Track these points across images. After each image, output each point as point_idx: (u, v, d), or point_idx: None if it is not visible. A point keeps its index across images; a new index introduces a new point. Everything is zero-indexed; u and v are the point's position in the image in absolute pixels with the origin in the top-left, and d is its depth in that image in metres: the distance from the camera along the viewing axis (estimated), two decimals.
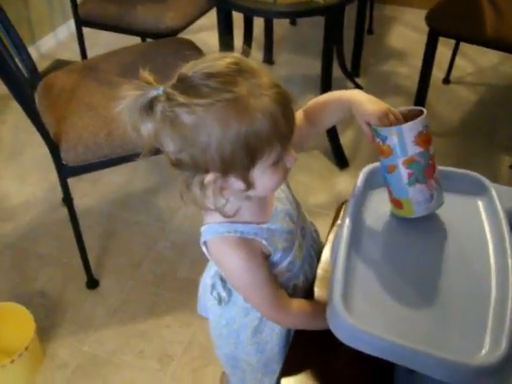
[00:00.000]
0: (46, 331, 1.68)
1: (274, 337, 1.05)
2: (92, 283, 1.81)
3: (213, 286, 1.05)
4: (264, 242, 0.91)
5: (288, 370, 0.96)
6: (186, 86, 0.76)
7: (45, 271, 1.87)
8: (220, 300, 1.05)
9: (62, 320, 1.72)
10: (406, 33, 3.05)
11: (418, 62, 2.18)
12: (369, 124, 0.91)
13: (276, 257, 0.95)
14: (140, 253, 1.93)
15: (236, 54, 0.80)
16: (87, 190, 2.18)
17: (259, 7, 1.90)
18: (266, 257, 0.93)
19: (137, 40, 2.34)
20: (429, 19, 2.02)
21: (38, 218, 2.05)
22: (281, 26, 3.12)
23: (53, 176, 1.89)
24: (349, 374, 0.94)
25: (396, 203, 0.95)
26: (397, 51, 2.92)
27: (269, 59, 2.82)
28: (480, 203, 1.00)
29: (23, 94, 1.45)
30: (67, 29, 3.09)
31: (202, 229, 0.92)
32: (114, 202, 2.13)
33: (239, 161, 0.78)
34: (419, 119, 0.88)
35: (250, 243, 0.90)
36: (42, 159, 2.08)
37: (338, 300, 0.80)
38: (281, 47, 2.95)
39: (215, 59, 0.77)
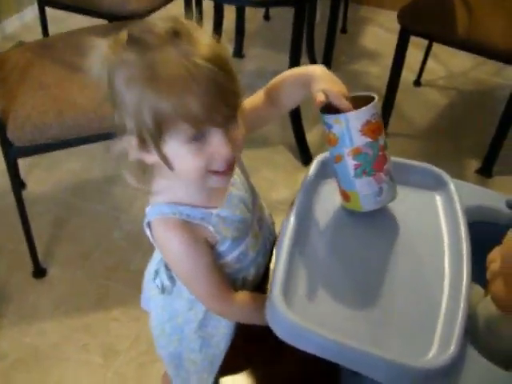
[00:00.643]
0: None
1: (220, 330, 0.98)
2: (38, 272, 1.72)
3: (156, 273, 0.99)
4: (211, 228, 0.85)
5: (227, 368, 0.90)
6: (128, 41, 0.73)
7: None
8: (163, 289, 0.98)
9: (4, 309, 1.63)
10: (380, 34, 3.02)
11: (389, 63, 2.14)
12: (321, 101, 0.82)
13: (224, 246, 0.89)
14: (92, 242, 1.85)
15: (183, 20, 0.75)
16: (42, 177, 2.09)
17: None
18: (211, 245, 0.88)
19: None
20: (400, 17, 1.98)
21: None
22: (254, 21, 3.07)
23: None
24: (293, 374, 0.89)
25: (344, 195, 0.89)
26: (369, 51, 2.89)
27: (239, 53, 2.76)
28: (438, 198, 0.95)
29: None
30: (33, 11, 2.98)
31: (147, 209, 0.87)
32: (68, 190, 2.05)
33: (147, 127, 0.73)
34: (367, 107, 0.81)
35: (195, 228, 0.84)
36: None
37: (278, 294, 0.74)
38: (252, 42, 2.89)
39: (158, 20, 0.73)
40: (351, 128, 0.81)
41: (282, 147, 2.26)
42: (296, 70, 0.91)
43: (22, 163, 2.02)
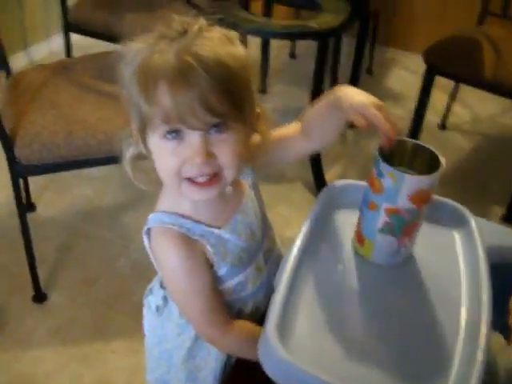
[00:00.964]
0: None
1: (208, 364, 0.92)
2: (39, 297, 1.67)
3: (150, 291, 0.94)
4: (209, 247, 0.80)
5: None
6: None
7: None
8: (156, 308, 0.93)
9: (0, 334, 1.57)
10: (406, 76, 2.98)
11: (414, 106, 2.10)
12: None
13: (221, 271, 0.83)
14: (96, 270, 1.79)
15: (204, 21, 0.73)
16: (53, 200, 2.05)
17: (253, 26, 1.83)
18: (210, 264, 0.82)
19: None
20: (427, 56, 1.94)
21: None
22: (279, 58, 3.06)
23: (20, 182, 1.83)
24: None
25: (359, 238, 0.83)
26: (394, 93, 2.85)
27: (262, 89, 2.74)
28: (458, 236, 0.88)
29: None
30: (61, 39, 3.02)
31: (149, 216, 0.83)
32: (78, 215, 2.00)
33: (135, 117, 0.74)
34: (431, 176, 0.75)
35: (194, 243, 0.79)
36: None
37: (272, 329, 0.67)
38: (277, 79, 2.87)
39: (182, 17, 0.74)
40: (402, 189, 0.75)
41: (300, 184, 2.20)
42: (324, 96, 0.84)
43: (34, 186, 2.02)
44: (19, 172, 1.44)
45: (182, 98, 0.67)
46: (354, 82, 2.54)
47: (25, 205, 1.65)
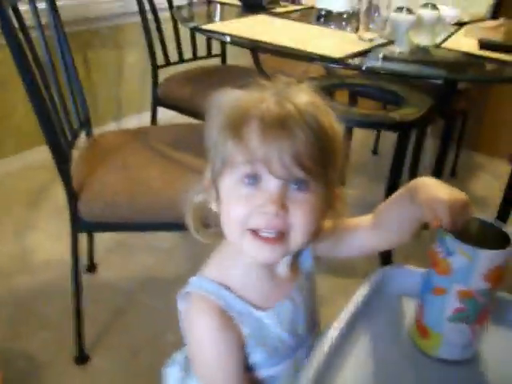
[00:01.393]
0: None
1: None
2: (81, 358, 1.63)
3: (173, 361, 0.87)
4: (245, 328, 0.74)
5: None
6: None
7: (39, 334, 1.71)
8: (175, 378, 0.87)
9: None
10: (491, 181, 2.87)
11: (497, 212, 1.99)
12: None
13: (255, 357, 0.76)
14: (143, 340, 1.74)
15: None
16: (114, 264, 2.06)
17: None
18: (242, 344, 0.75)
19: None
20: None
21: (55, 280, 1.93)
22: (361, 154, 3.05)
23: (85, 242, 1.91)
24: None
25: (422, 330, 0.73)
26: (477, 197, 2.73)
27: (340, 180, 2.70)
28: None
29: (55, 137, 1.38)
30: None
31: (191, 278, 0.78)
32: (136, 282, 1.99)
33: (216, 150, 0.71)
34: (508, 250, 0.67)
35: (229, 319, 0.73)
36: None
37: None
38: (357, 173, 2.84)
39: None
40: (476, 268, 0.67)
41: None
42: (403, 186, 0.79)
43: (99, 248, 2.04)
44: (80, 227, 1.45)
45: (274, 141, 0.66)
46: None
47: (86, 264, 1.65)
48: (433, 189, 0.71)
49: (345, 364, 0.69)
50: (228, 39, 1.65)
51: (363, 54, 1.56)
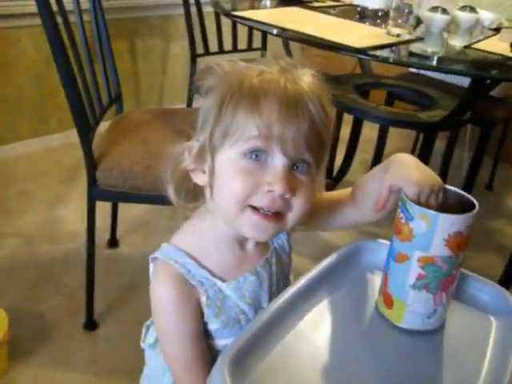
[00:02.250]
0: (21, 352, 1.56)
1: None
2: (89, 325, 1.68)
3: (152, 321, 0.89)
4: (204, 298, 0.75)
5: None
6: None
7: (54, 298, 1.78)
8: (144, 338, 0.90)
9: (41, 349, 1.59)
10: None
11: None
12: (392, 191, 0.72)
13: (212, 326, 0.77)
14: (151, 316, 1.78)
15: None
16: (136, 242, 2.12)
17: (358, 107, 1.83)
18: (200, 314, 0.76)
19: None
20: None
21: (77, 250, 1.99)
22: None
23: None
24: None
25: (387, 300, 0.73)
26: (510, 212, 2.66)
27: None
28: (494, 325, 0.75)
29: (80, 106, 1.44)
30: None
31: (162, 244, 0.80)
32: None
33: (214, 125, 0.69)
34: (469, 215, 0.66)
35: (190, 288, 0.74)
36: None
37: (227, 359, 0.60)
38: None
39: None
40: (437, 232, 0.66)
41: None
42: (379, 167, 0.81)
43: (123, 226, 2.10)
44: (96, 195, 1.51)
45: (292, 120, 0.66)
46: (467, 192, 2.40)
47: (108, 239, 1.69)
48: (406, 168, 0.72)
49: (298, 328, 0.70)
50: (254, 24, 1.68)
51: (387, 47, 1.55)
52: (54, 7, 1.39)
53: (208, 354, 0.78)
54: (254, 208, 0.69)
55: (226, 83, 0.70)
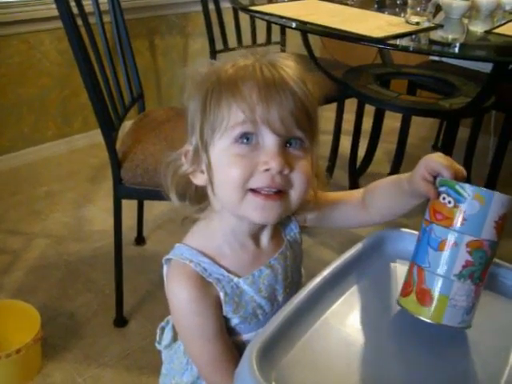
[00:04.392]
0: (54, 349, 1.60)
1: None
2: (119, 321, 1.71)
3: (167, 322, 0.90)
4: (222, 295, 0.76)
5: None
6: None
7: (84, 296, 1.82)
8: (160, 339, 0.90)
9: (74, 345, 1.63)
10: None
11: None
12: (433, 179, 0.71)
13: (232, 322, 0.78)
14: None
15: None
16: (162, 239, 2.14)
17: (379, 97, 1.82)
18: (220, 311, 0.77)
19: None
20: None
21: (105, 248, 2.03)
22: (421, 148, 2.98)
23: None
24: None
25: (423, 296, 0.68)
26: None
27: (395, 173, 2.64)
28: None
29: (103, 108, 1.46)
30: None
31: (175, 245, 0.81)
32: None
33: (203, 116, 0.70)
34: None
35: (207, 286, 0.75)
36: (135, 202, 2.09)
37: (254, 352, 0.60)
38: (413, 166, 2.78)
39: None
40: (490, 213, 0.64)
41: None
42: (390, 178, 0.83)
43: (150, 224, 2.13)
44: (122, 193, 1.53)
45: (272, 99, 0.67)
46: (491, 182, 2.37)
47: (135, 237, 1.72)
48: (433, 157, 0.72)
49: (324, 318, 0.70)
50: (272, 19, 1.68)
51: (406, 36, 1.54)
52: (75, 10, 1.42)
53: (234, 349, 0.78)
54: (255, 191, 0.70)
55: (204, 83, 0.72)
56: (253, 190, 0.70)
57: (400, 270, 0.79)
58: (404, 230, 0.83)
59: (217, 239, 0.78)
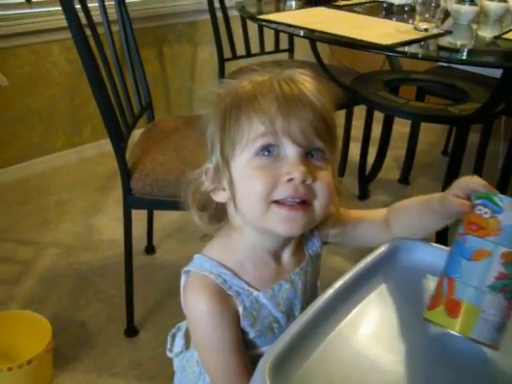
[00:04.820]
0: (65, 360, 1.59)
1: None
2: (130, 331, 1.71)
3: (178, 329, 0.90)
4: (240, 309, 0.75)
5: None
6: None
7: (95, 306, 1.82)
8: (171, 347, 0.91)
9: (85, 355, 1.62)
10: None
11: None
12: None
13: (249, 336, 0.78)
14: None
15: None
16: (172, 248, 2.14)
17: (387, 103, 1.82)
18: (238, 324, 0.77)
19: None
20: None
21: (115, 257, 2.03)
22: (430, 154, 2.98)
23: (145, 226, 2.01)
24: None
25: (452, 307, 0.66)
26: None
27: (404, 179, 2.66)
28: None
29: (112, 118, 1.47)
30: None
31: (194, 256, 0.81)
32: None
33: (221, 140, 0.72)
34: None
35: (227, 299, 0.75)
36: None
37: (268, 363, 0.59)
38: (423, 172, 2.78)
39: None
40: None
41: None
42: (419, 198, 0.82)
43: (159, 233, 2.13)
44: (131, 203, 1.53)
45: (292, 111, 0.68)
46: (502, 187, 2.35)
47: (145, 246, 1.72)
48: (465, 178, 0.73)
49: (337, 330, 0.70)
50: (280, 27, 1.68)
51: (415, 42, 1.54)
52: (83, 20, 1.42)
53: (249, 363, 0.77)
54: (279, 203, 0.70)
55: (221, 102, 0.73)
56: (276, 202, 0.70)
57: (414, 280, 0.78)
58: (418, 240, 0.82)
59: (237, 254, 0.78)
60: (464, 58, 1.51)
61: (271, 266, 0.79)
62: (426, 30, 1.61)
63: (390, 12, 1.94)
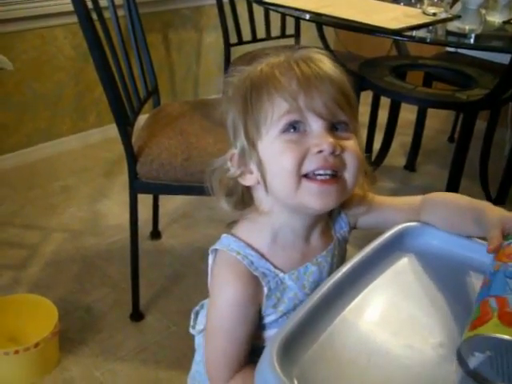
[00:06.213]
0: (71, 343, 1.61)
1: None
2: (135, 316, 1.71)
3: (202, 306, 0.91)
4: (265, 289, 0.75)
5: None
6: None
7: (101, 290, 1.83)
8: (194, 324, 0.92)
9: (91, 339, 1.63)
10: None
11: None
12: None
13: (269, 318, 0.78)
14: (196, 304, 1.80)
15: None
16: (177, 233, 2.14)
17: (394, 89, 1.80)
18: (259, 309, 0.77)
19: None
20: None
21: (121, 242, 2.04)
22: (437, 140, 2.96)
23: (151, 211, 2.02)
24: None
25: (509, 317, 0.63)
26: None
27: (411, 166, 2.65)
28: None
29: (118, 102, 1.46)
30: None
31: (222, 235, 0.80)
32: (196, 251, 2.05)
33: (245, 123, 0.72)
34: None
35: (253, 281, 0.75)
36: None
37: (276, 349, 0.59)
38: (429, 159, 2.77)
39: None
40: None
41: None
42: (466, 199, 0.81)
43: (165, 218, 2.13)
44: (137, 188, 1.53)
45: (314, 87, 0.70)
46: (509, 175, 2.34)
47: (150, 231, 1.72)
48: (500, 211, 0.73)
49: (344, 314, 0.69)
50: (286, 11, 1.67)
51: (423, 27, 1.52)
52: (89, 4, 1.41)
53: (245, 363, 0.78)
54: (310, 178, 0.70)
55: (241, 86, 0.74)
56: (307, 177, 0.70)
57: (422, 264, 0.78)
58: (425, 224, 0.82)
59: (264, 236, 0.78)
60: (472, 42, 1.49)
61: (299, 248, 0.79)
62: (434, 14, 1.59)
63: None
